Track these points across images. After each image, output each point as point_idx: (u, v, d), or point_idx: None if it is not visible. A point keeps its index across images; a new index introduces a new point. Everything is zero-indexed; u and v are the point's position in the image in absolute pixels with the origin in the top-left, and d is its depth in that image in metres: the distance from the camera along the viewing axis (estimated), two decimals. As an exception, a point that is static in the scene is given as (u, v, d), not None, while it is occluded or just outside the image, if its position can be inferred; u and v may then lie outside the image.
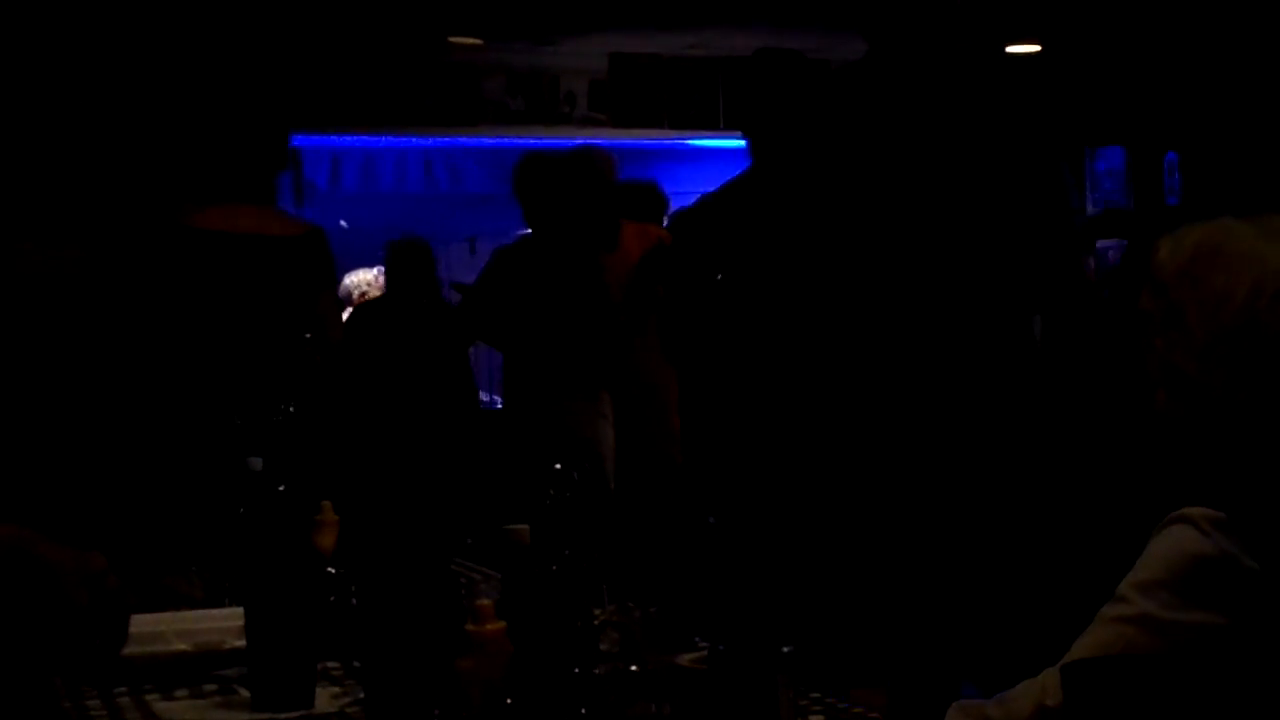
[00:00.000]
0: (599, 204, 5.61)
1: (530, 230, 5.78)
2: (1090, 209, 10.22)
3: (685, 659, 1.88)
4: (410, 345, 6.20)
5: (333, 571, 2.46)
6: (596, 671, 1.87)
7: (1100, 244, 8.71)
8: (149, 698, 2.21)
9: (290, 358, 3.73)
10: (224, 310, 3.91)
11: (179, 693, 2.24)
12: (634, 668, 1.89)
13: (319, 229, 4.20)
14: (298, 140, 10.22)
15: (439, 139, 9.54)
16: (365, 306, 6.90)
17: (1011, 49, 9.49)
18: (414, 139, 9.91)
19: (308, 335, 3.78)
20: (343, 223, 8.33)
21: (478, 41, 8.85)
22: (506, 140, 8.95)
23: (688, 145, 10.07)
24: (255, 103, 4.20)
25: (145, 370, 3.77)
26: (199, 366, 3.83)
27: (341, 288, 8.01)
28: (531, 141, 8.85)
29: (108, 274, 3.82)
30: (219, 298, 3.91)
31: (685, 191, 7.95)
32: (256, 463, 2.33)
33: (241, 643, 2.23)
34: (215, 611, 2.53)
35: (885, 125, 3.21)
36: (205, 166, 4.04)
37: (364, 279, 7.73)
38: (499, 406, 6.17)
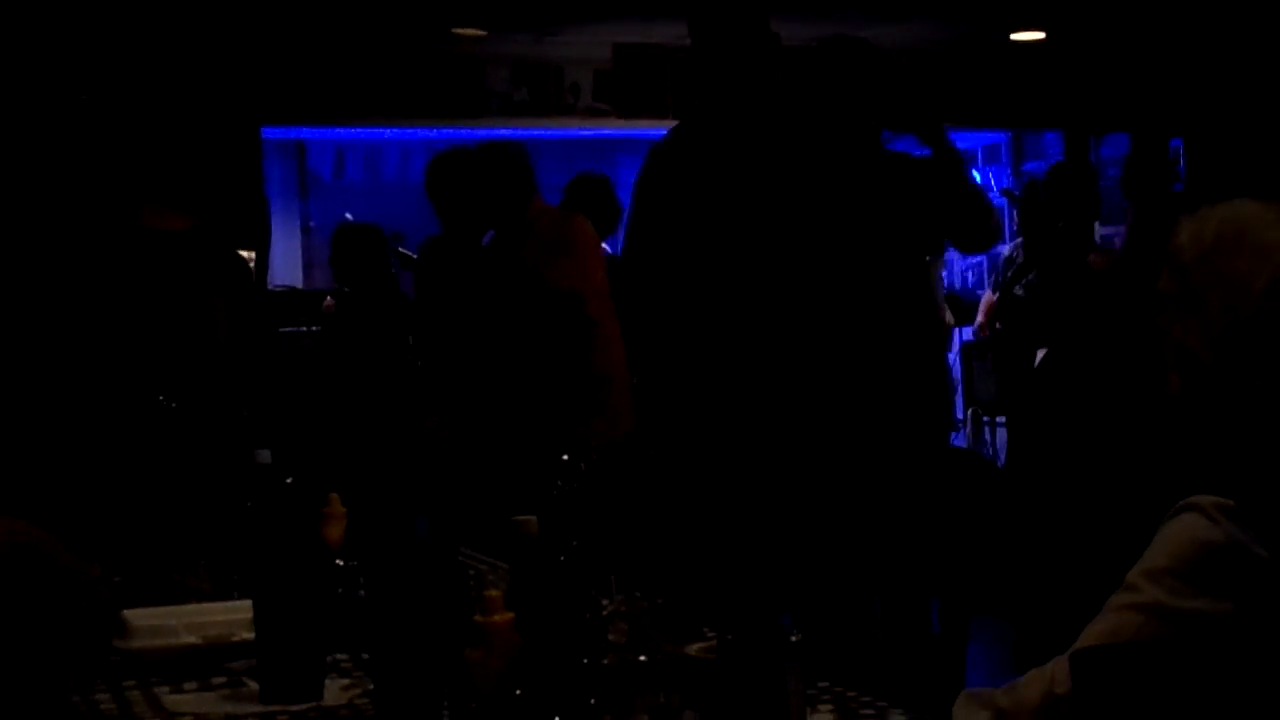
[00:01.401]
0: (514, 199, 5.14)
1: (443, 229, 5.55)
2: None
3: (694, 649, 1.88)
4: (352, 331, 6.19)
5: (341, 564, 2.46)
6: (605, 662, 1.87)
7: (1105, 231, 8.70)
8: (158, 690, 2.22)
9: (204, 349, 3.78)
10: (159, 303, 3.93)
11: (188, 685, 2.24)
12: (642, 658, 1.89)
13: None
14: (303, 133, 10.26)
15: (443, 130, 9.52)
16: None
17: (1016, 37, 9.48)
18: (418, 131, 9.90)
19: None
20: (347, 215, 8.33)
21: (481, 33, 8.84)
22: (511, 131, 8.92)
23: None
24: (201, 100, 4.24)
25: (138, 363, 3.78)
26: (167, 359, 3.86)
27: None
28: (536, 133, 8.84)
29: (88, 270, 3.84)
30: (161, 292, 3.94)
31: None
32: (265, 455, 2.33)
33: (250, 635, 2.24)
34: (224, 604, 2.53)
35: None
36: (145, 167, 4.06)
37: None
38: None
